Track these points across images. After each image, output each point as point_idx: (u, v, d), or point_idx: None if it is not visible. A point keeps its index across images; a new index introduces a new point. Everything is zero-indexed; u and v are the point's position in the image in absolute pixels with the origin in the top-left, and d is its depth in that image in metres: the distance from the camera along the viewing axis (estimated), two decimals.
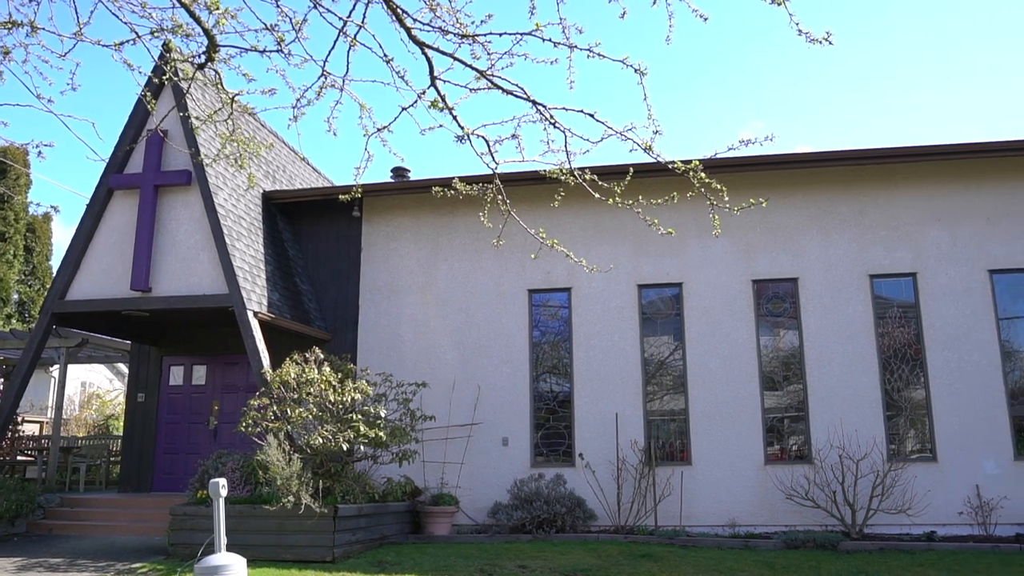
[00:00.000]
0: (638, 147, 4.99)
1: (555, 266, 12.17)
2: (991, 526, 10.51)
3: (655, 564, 8.81)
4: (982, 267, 11.60)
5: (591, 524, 11.15)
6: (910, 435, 11.45)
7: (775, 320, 12.01)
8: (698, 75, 35.02)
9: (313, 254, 13.41)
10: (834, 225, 12.02)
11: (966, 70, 32.94)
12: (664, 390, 12.02)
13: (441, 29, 4.89)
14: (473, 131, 5.39)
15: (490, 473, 11.84)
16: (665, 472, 11.43)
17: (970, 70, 32.83)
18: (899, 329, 11.67)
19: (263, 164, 13.32)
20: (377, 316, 12.75)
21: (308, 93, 5.46)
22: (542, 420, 12.13)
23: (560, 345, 12.35)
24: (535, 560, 8.94)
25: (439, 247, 12.84)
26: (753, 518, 11.12)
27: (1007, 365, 11.34)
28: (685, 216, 11.25)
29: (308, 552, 8.97)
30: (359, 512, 9.54)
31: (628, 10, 4.52)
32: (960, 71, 33.17)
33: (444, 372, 12.25)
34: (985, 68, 32.59)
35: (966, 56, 32.28)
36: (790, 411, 11.70)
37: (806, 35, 4.32)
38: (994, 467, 10.95)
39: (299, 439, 9.75)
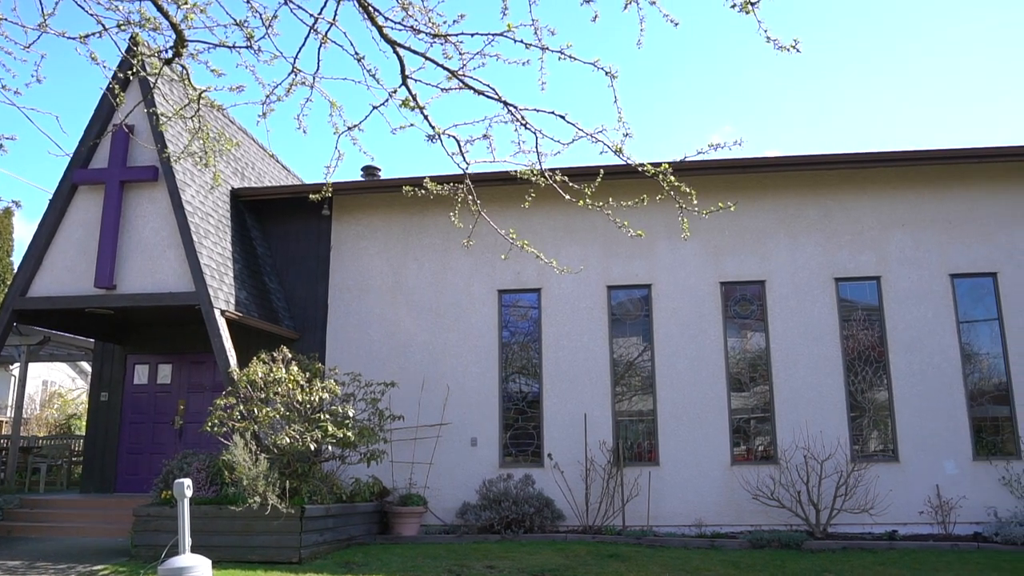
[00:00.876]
0: (608, 149, 5.02)
1: (525, 267, 12.19)
2: (950, 525, 10.72)
3: (623, 564, 8.86)
4: (943, 271, 11.83)
5: (559, 524, 11.18)
6: (873, 436, 11.64)
7: (743, 322, 12.14)
8: (669, 79, 35.30)
9: (282, 252, 13.29)
10: (801, 229, 12.18)
11: (930, 78, 33.57)
12: (633, 391, 12.09)
13: (413, 28, 4.88)
14: (444, 131, 5.38)
15: (459, 473, 11.83)
16: (633, 472, 11.50)
17: (933, 77, 33.46)
18: (863, 332, 11.86)
19: (232, 161, 13.18)
20: (346, 315, 12.67)
21: (278, 90, 5.42)
22: (511, 420, 12.15)
23: (530, 346, 12.38)
24: (503, 560, 8.95)
25: (409, 247, 12.80)
26: (720, 518, 11.23)
27: (967, 367, 11.57)
28: (654, 218, 11.32)
29: (274, 553, 8.89)
30: (326, 512, 9.48)
31: (600, 13, 4.55)
32: (924, 78, 33.80)
33: (413, 372, 12.21)
34: (949, 76, 33.27)
35: (930, 64, 32.92)
36: (756, 412, 11.83)
37: (774, 42, 4.38)
38: (954, 467, 11.17)
39: (266, 439, 9.66)
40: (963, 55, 32.38)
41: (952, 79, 33.08)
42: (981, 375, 11.66)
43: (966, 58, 32.38)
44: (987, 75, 32.55)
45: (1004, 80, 32.39)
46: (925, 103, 34.14)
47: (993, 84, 32.70)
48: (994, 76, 32.40)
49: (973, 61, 32.36)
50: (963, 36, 31.91)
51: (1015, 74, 32.33)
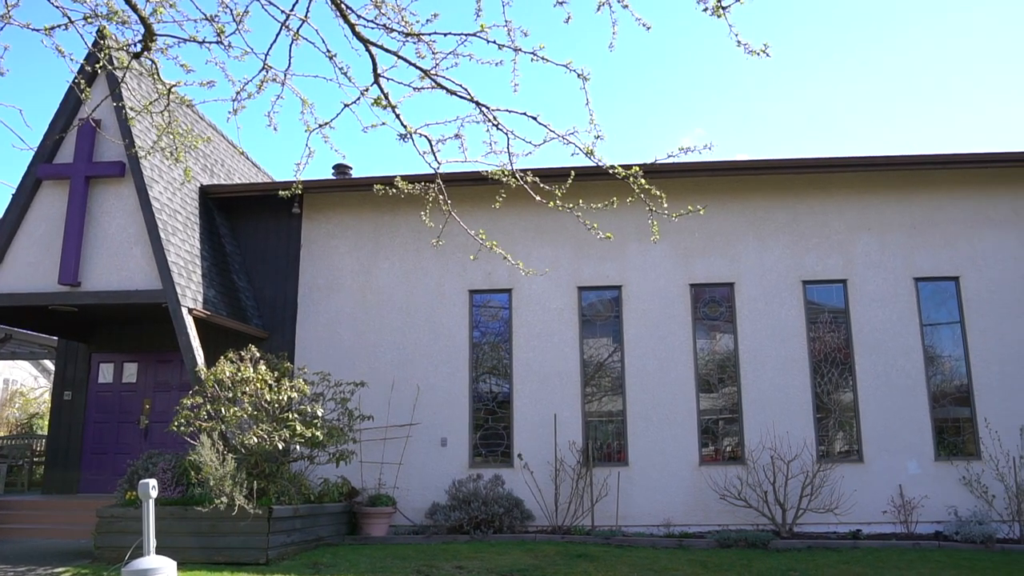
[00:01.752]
0: (580, 151, 5.05)
1: (496, 267, 12.20)
2: (912, 524, 10.91)
3: (591, 564, 8.90)
4: (908, 275, 12.04)
5: (529, 524, 11.20)
6: (838, 437, 11.81)
7: (711, 324, 12.25)
8: (641, 82, 35.54)
9: (251, 250, 13.16)
10: (770, 232, 12.32)
11: (898, 84, 34.17)
12: (602, 391, 12.15)
13: (386, 27, 4.86)
14: (416, 130, 5.38)
15: (428, 474, 11.80)
16: (602, 473, 11.55)
17: (901, 84, 34.05)
18: (830, 334, 12.03)
19: (201, 158, 13.03)
20: (316, 314, 12.59)
21: (248, 87, 5.38)
22: (481, 421, 12.15)
23: (500, 346, 12.38)
24: (472, 561, 8.95)
25: (380, 246, 12.75)
26: (688, 518, 11.32)
27: (930, 369, 11.79)
28: (625, 220, 11.40)
29: (241, 554, 8.81)
30: (294, 513, 9.41)
31: (573, 15, 4.57)
32: (892, 85, 34.40)
33: (383, 372, 12.16)
34: (915, 81, 33.87)
35: (898, 70, 33.49)
36: (725, 413, 11.95)
37: (745, 46, 4.42)
38: (916, 467, 11.37)
39: (233, 439, 9.57)
40: (937, 59, 33.02)
41: (924, 85, 33.71)
42: (943, 377, 11.88)
43: (939, 63, 33.03)
44: (962, 82, 33.23)
45: (978, 88, 33.08)
46: (897, 108, 34.75)
47: (970, 91, 33.38)
48: (971, 82, 33.07)
49: (947, 66, 33.02)
50: (938, 39, 32.54)
51: (990, 82, 33.04)
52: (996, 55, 32.25)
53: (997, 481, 11.07)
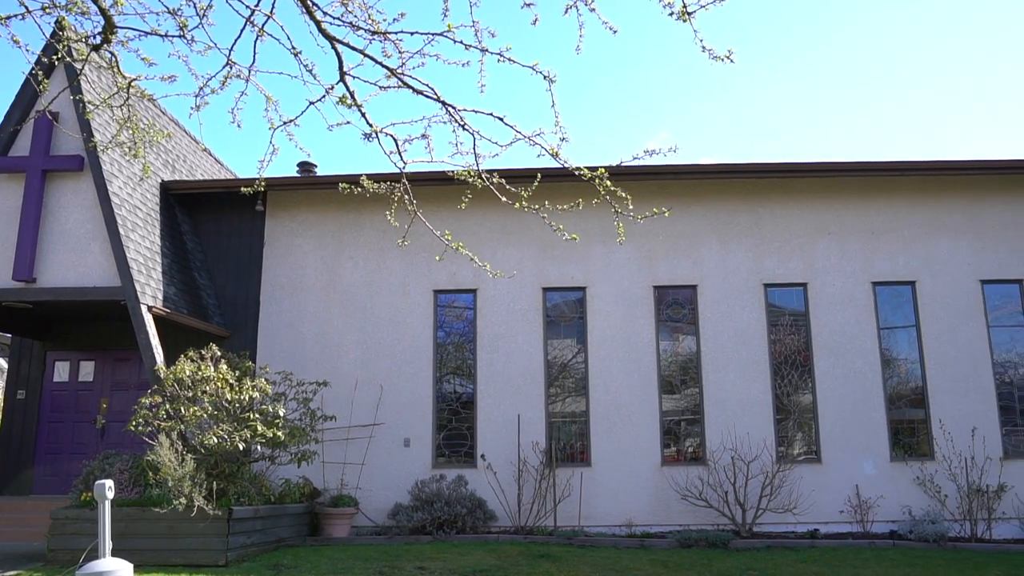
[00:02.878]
0: (546, 152, 5.07)
1: (461, 267, 12.18)
2: (868, 524, 11.12)
3: (553, 564, 8.93)
4: (866, 279, 12.27)
5: (492, 525, 11.20)
6: (798, 438, 11.99)
7: (674, 325, 12.36)
8: (607, 85, 35.82)
9: (213, 248, 12.98)
10: (732, 235, 12.47)
11: (863, 89, 34.82)
12: (566, 392, 12.19)
13: (352, 24, 4.84)
14: (382, 129, 5.36)
15: (391, 474, 11.74)
16: (565, 473, 11.59)
17: (865, 89, 34.71)
18: (790, 336, 12.21)
19: (162, 153, 12.82)
20: (279, 313, 12.46)
21: (212, 82, 5.31)
22: (445, 421, 12.12)
23: (464, 346, 12.37)
24: (434, 561, 8.93)
25: (344, 245, 12.66)
26: (649, 518, 11.41)
27: (886, 372, 12.02)
28: (590, 222, 11.44)
29: (200, 556, 8.68)
30: (255, 514, 9.31)
31: (540, 18, 4.58)
32: (857, 90, 35.05)
33: (346, 371, 12.08)
34: (880, 87, 34.55)
35: (866, 75, 34.10)
36: (687, 414, 12.06)
37: (709, 52, 4.48)
38: (872, 468, 11.59)
39: (193, 439, 9.44)
40: (904, 66, 33.68)
41: (891, 91, 34.40)
42: (899, 379, 12.13)
43: (906, 69, 33.70)
44: (925, 88, 33.94)
45: (940, 95, 33.84)
46: (863, 113, 35.39)
47: (933, 98, 34.11)
48: (933, 90, 33.78)
49: (913, 72, 33.70)
50: (908, 46, 33.18)
51: (950, 89, 33.80)
52: (957, 64, 33.05)
53: (950, 481, 11.33)
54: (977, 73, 33.85)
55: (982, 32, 32.75)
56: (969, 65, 33.63)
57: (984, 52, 33.13)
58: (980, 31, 32.86)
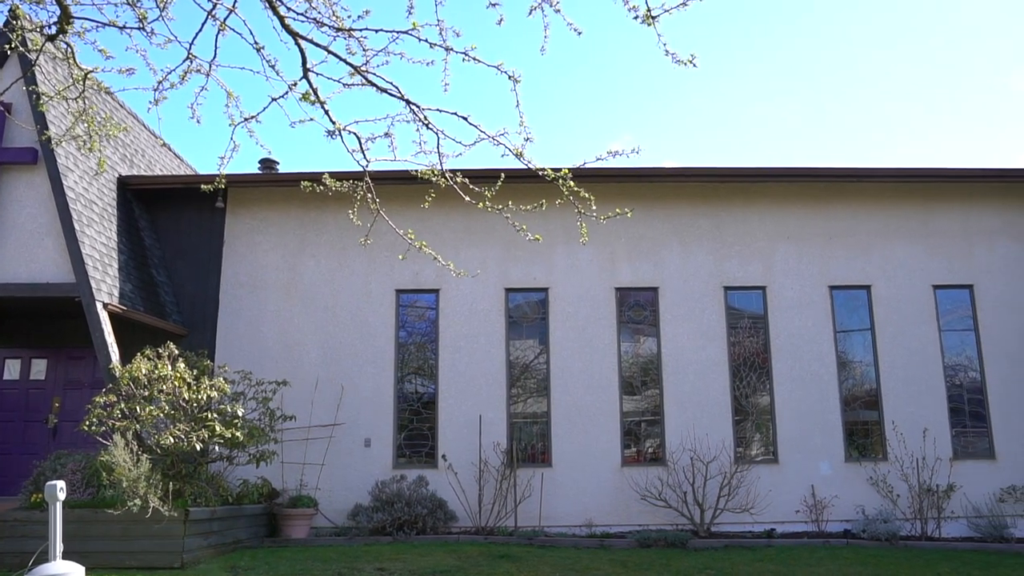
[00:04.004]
0: (510, 152, 5.08)
1: (424, 267, 12.14)
2: (823, 523, 11.32)
3: (513, 564, 8.94)
4: (824, 283, 12.49)
5: (452, 525, 11.18)
6: (755, 438, 12.16)
7: (636, 327, 12.46)
8: (572, 87, 36.02)
9: (172, 245, 12.77)
10: (693, 238, 12.61)
11: (823, 96, 35.41)
12: (528, 393, 12.22)
13: (316, 20, 4.80)
14: (345, 127, 5.33)
15: (351, 474, 11.66)
16: (526, 474, 11.62)
17: (824, 96, 35.34)
18: (749, 339, 12.38)
19: (120, 147, 12.59)
20: (238, 312, 12.30)
21: (171, 76, 5.24)
22: (406, 421, 12.07)
23: (426, 346, 12.33)
24: (394, 562, 8.88)
25: (306, 243, 12.54)
26: (609, 518, 11.48)
27: (842, 374, 12.26)
28: (553, 223, 11.49)
29: (155, 558, 8.52)
30: (212, 515, 9.17)
31: (505, 18, 4.59)
32: (817, 97, 35.65)
33: (307, 371, 11.97)
34: (839, 94, 35.17)
35: (828, 82, 34.69)
36: (647, 415, 12.17)
37: (672, 55, 4.53)
38: (827, 468, 11.81)
39: (149, 439, 9.27)
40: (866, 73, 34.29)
41: (856, 97, 35.01)
42: (854, 382, 12.37)
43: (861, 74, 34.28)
44: (887, 95, 34.62)
45: (899, 103, 34.54)
46: (830, 119, 35.99)
47: (895, 105, 34.80)
48: (895, 96, 34.49)
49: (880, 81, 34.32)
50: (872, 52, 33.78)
51: (909, 97, 34.52)
52: (922, 72, 33.76)
53: (902, 481, 11.59)
54: (940, 83, 34.67)
55: (948, 38, 33.54)
56: (934, 74, 34.42)
57: (945, 60, 33.94)
58: (950, 36, 33.65)
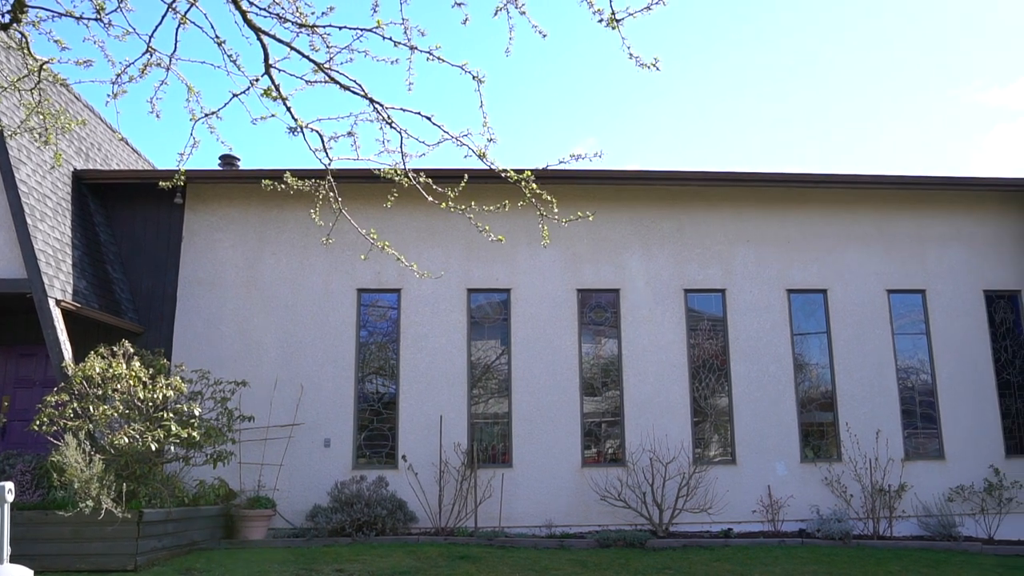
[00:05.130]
0: (473, 153, 5.08)
1: (386, 266, 12.08)
2: (779, 523, 11.50)
3: (473, 565, 8.94)
4: (782, 286, 12.70)
5: (412, 526, 11.13)
6: (714, 439, 12.31)
7: (597, 328, 12.54)
8: (536, 89, 36.12)
9: (129, 241, 12.53)
10: (655, 241, 12.72)
11: (781, 103, 35.98)
12: (489, 394, 12.22)
13: (279, 16, 4.76)
14: (307, 124, 5.28)
15: (310, 475, 11.55)
16: (487, 474, 11.62)
17: (784, 104, 35.90)
18: (708, 341, 12.53)
19: (76, 140, 12.32)
20: (196, 310, 12.11)
21: (130, 69, 5.15)
22: (366, 421, 11.99)
23: (388, 346, 12.27)
24: (353, 563, 8.82)
25: (266, 241, 12.40)
26: (569, 518, 11.53)
27: (798, 376, 12.47)
28: (516, 224, 11.51)
29: (107, 561, 8.36)
30: (167, 517, 9.01)
31: (471, 18, 4.60)
32: (775, 104, 36.21)
33: (266, 370, 11.83)
34: (797, 102, 35.75)
35: (786, 89, 35.23)
36: (607, 416, 12.24)
37: (636, 59, 4.57)
38: (783, 469, 12.00)
39: (102, 439, 9.09)
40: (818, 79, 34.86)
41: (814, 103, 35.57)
42: (810, 384, 12.59)
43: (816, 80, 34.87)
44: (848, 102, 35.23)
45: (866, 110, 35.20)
46: (799, 125, 36.53)
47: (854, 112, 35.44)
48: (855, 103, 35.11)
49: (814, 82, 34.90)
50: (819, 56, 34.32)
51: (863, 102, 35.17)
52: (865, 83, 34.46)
53: (855, 481, 11.82)
54: (899, 93, 35.42)
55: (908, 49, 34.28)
56: (894, 84, 35.14)
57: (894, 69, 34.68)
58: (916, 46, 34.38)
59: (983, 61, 34.82)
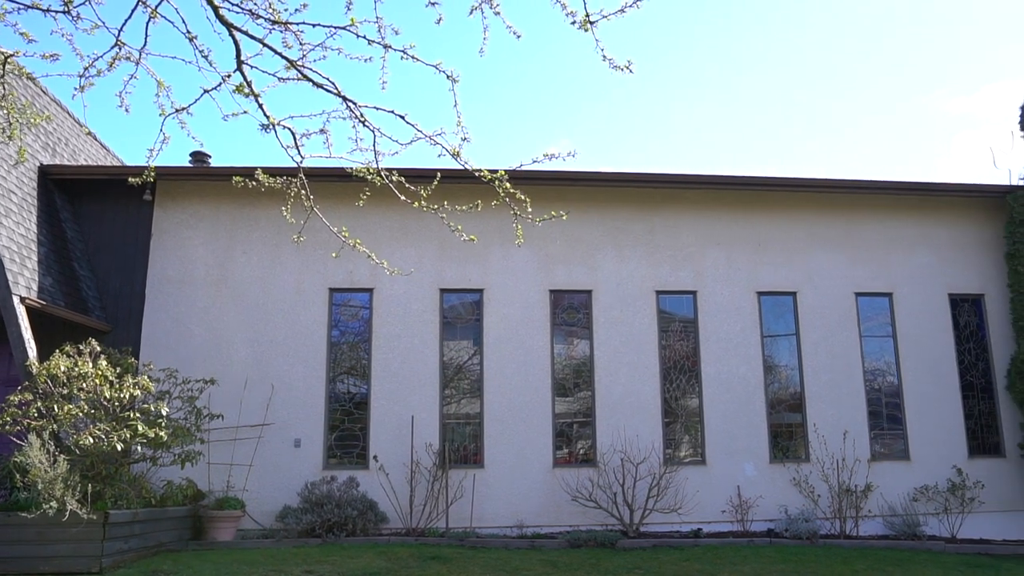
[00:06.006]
0: (446, 152, 5.08)
1: (358, 265, 12.02)
2: (748, 523, 11.61)
3: (444, 565, 8.92)
4: (752, 288, 12.82)
5: (383, 527, 11.09)
6: (684, 440, 12.40)
7: (569, 329, 12.57)
8: (510, 90, 36.16)
9: (96, 238, 12.33)
10: (627, 242, 12.79)
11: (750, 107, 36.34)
12: (461, 394, 12.21)
13: (251, 12, 4.72)
14: (279, 122, 5.24)
15: (280, 475, 11.46)
16: (458, 475, 11.60)
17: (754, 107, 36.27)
18: (679, 342, 12.62)
19: (42, 135, 12.11)
20: (165, 308, 11.95)
21: (99, 63, 5.07)
22: (337, 422, 11.92)
23: (359, 346, 12.21)
24: (323, 564, 8.77)
25: (237, 239, 12.28)
26: (540, 519, 11.55)
27: (768, 378, 12.60)
28: (489, 224, 11.52)
29: (72, 563, 8.22)
30: (133, 518, 8.89)
31: (445, 17, 4.59)
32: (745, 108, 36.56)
33: (236, 370, 11.71)
34: (765, 104, 36.15)
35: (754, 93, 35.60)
36: (579, 417, 12.28)
37: (610, 61, 4.59)
38: (752, 469, 12.12)
39: (67, 439, 8.94)
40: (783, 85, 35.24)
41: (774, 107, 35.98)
42: (780, 385, 12.73)
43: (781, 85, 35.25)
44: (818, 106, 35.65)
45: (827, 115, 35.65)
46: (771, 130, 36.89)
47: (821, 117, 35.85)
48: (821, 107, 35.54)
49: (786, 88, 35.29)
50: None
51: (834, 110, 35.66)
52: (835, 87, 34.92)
53: (822, 482, 11.97)
54: (872, 100, 35.93)
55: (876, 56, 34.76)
56: (871, 92, 35.65)
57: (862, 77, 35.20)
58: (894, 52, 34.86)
59: (950, 69, 35.46)
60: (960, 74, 35.83)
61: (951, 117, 37.44)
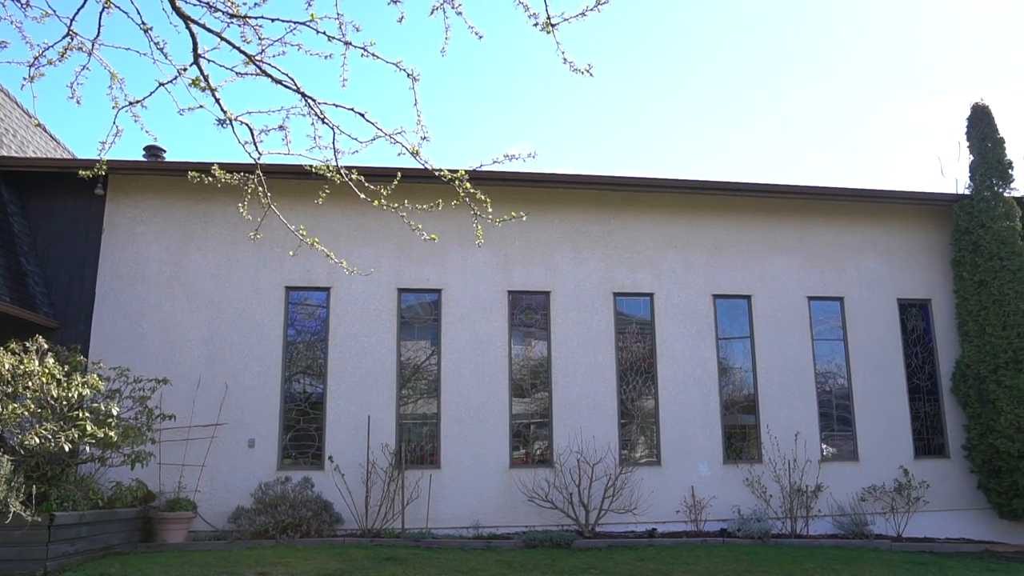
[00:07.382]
0: (406, 151, 5.06)
1: (315, 264, 11.90)
2: (702, 523, 11.76)
3: (399, 567, 8.88)
4: (708, 291, 13.00)
5: (338, 528, 10.99)
6: (640, 441, 12.52)
7: (527, 330, 12.61)
8: (471, 90, 36.11)
9: (45, 232, 12.01)
10: (585, 244, 12.87)
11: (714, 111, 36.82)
12: (418, 394, 12.16)
13: (209, 5, 4.65)
14: (237, 117, 5.17)
15: (234, 476, 11.29)
16: (415, 475, 11.55)
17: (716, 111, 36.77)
18: (636, 344, 12.74)
19: None
20: (116, 305, 11.70)
21: (49, 52, 4.94)
22: (293, 421, 11.79)
23: (316, 345, 12.09)
24: (276, 566, 8.67)
25: (192, 235, 12.07)
26: (496, 519, 11.56)
27: (723, 380, 12.78)
28: (448, 224, 11.48)
29: (14, 567, 8.00)
30: (80, 520, 8.68)
31: (407, 16, 4.58)
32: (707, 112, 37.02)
33: (190, 369, 11.52)
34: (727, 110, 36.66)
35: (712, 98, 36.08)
36: (536, 417, 12.32)
37: (570, 64, 4.62)
38: (706, 470, 12.28)
39: (12, 439, 8.70)
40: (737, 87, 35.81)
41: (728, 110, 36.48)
42: (734, 387, 12.92)
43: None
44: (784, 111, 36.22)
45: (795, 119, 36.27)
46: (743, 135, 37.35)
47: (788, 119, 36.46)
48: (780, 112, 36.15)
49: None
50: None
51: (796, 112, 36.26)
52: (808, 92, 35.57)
53: (774, 482, 12.18)
54: (827, 109, 36.63)
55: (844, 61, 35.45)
56: (831, 104, 36.32)
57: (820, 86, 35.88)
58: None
59: (904, 79, 36.34)
60: (913, 84, 36.75)
61: (904, 126, 38.40)
